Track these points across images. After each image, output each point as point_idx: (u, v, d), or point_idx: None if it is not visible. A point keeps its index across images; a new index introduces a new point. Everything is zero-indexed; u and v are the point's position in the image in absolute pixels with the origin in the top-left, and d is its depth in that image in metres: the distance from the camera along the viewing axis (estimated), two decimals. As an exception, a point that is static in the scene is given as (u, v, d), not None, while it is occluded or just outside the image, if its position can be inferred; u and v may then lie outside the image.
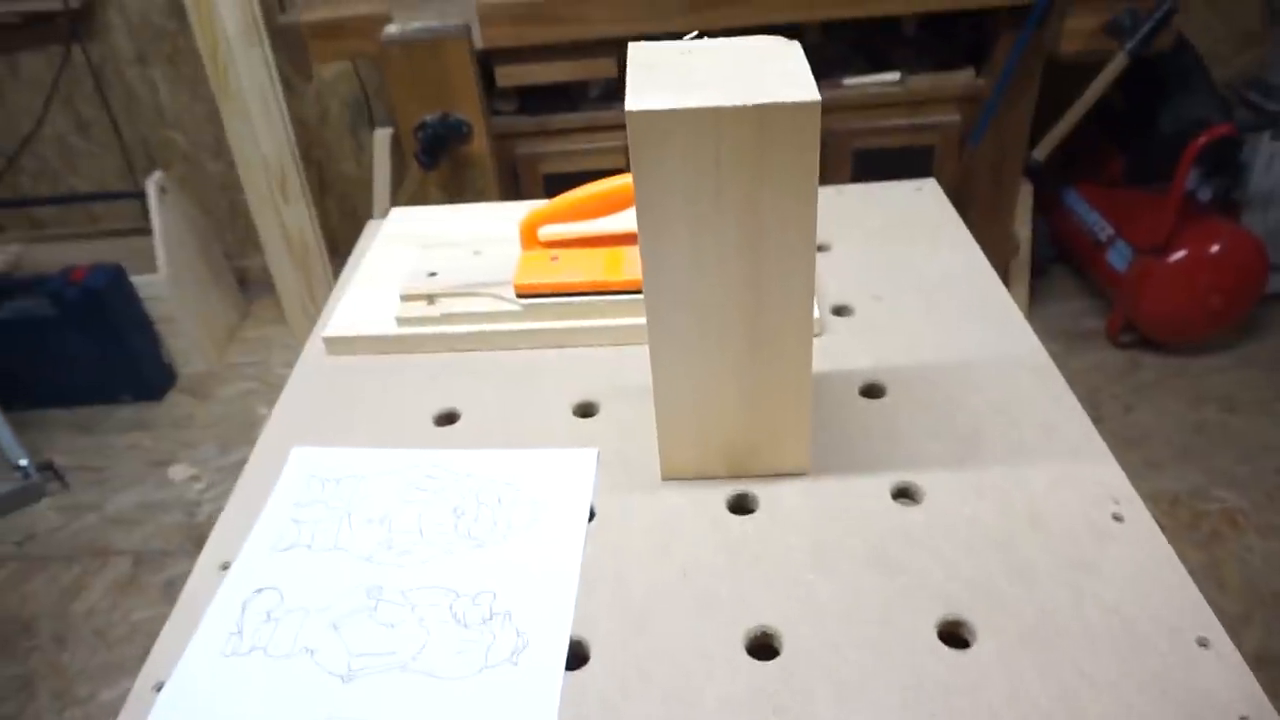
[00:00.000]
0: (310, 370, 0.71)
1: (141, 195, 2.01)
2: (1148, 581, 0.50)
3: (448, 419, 0.66)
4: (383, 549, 0.55)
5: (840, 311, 0.72)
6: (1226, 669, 0.45)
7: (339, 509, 0.58)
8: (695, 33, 0.48)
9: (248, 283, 2.40)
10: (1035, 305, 2.06)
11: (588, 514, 0.56)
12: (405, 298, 0.72)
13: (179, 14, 1.96)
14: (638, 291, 0.66)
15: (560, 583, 0.52)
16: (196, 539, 1.68)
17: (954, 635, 0.49)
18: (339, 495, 0.59)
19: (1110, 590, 0.49)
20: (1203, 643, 0.46)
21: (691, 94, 0.43)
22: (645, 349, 0.53)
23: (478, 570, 0.53)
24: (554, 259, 0.71)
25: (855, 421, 0.62)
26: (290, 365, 0.71)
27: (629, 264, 0.69)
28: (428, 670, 0.48)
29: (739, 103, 0.42)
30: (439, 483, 0.60)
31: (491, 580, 0.53)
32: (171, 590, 1.57)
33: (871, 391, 0.64)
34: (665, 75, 0.45)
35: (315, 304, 2.15)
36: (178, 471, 1.85)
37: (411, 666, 0.48)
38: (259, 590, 0.53)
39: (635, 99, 0.43)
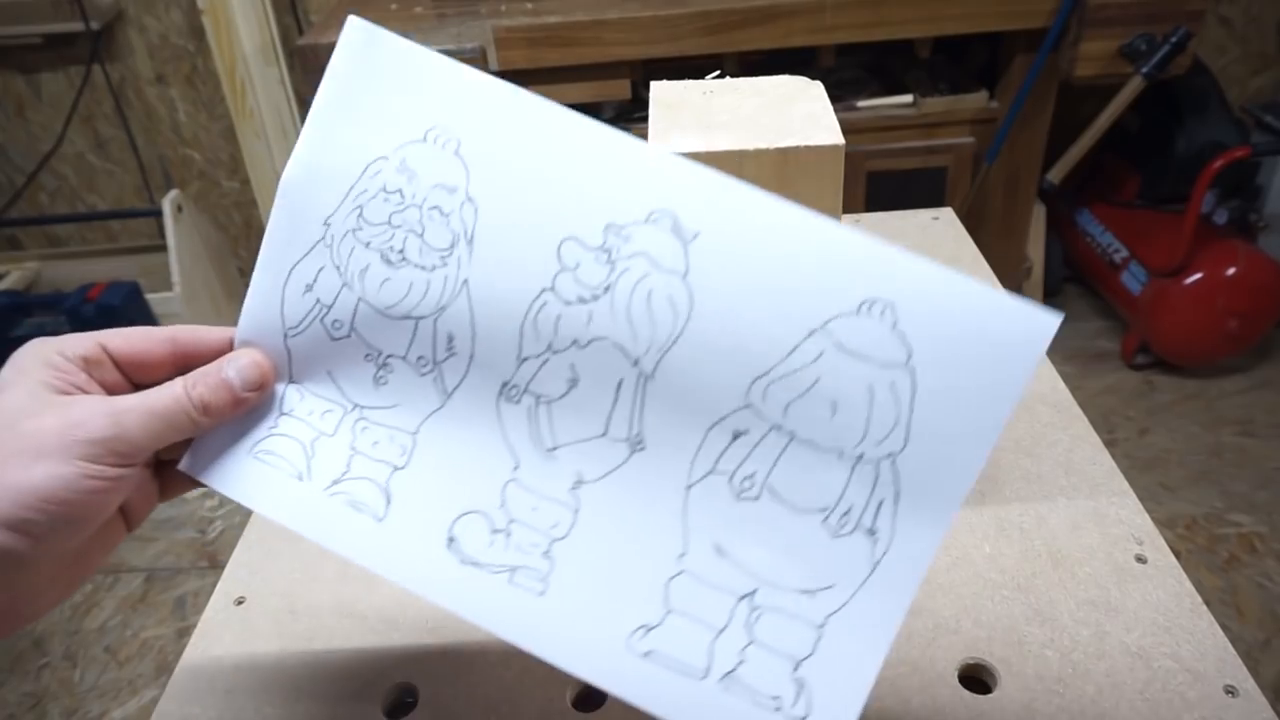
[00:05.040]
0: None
1: (158, 213, 2.03)
2: (1173, 626, 0.49)
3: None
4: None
5: (857, 343, 0.72)
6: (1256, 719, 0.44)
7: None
8: (717, 72, 0.48)
9: (261, 299, 2.41)
10: (1049, 326, 2.05)
11: None
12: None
13: (198, 35, 1.99)
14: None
15: None
16: (208, 556, 1.68)
17: (975, 679, 0.48)
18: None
19: (1134, 634, 0.49)
20: (1230, 690, 0.45)
21: (714, 136, 0.43)
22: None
23: None
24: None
25: (873, 456, 0.61)
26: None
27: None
28: None
29: (762, 145, 0.42)
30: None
31: None
32: (181, 608, 1.57)
33: (890, 425, 0.64)
34: (687, 116, 0.45)
35: (328, 321, 2.16)
36: (190, 488, 1.85)
37: None
38: (275, 625, 0.53)
39: (658, 140, 0.43)
